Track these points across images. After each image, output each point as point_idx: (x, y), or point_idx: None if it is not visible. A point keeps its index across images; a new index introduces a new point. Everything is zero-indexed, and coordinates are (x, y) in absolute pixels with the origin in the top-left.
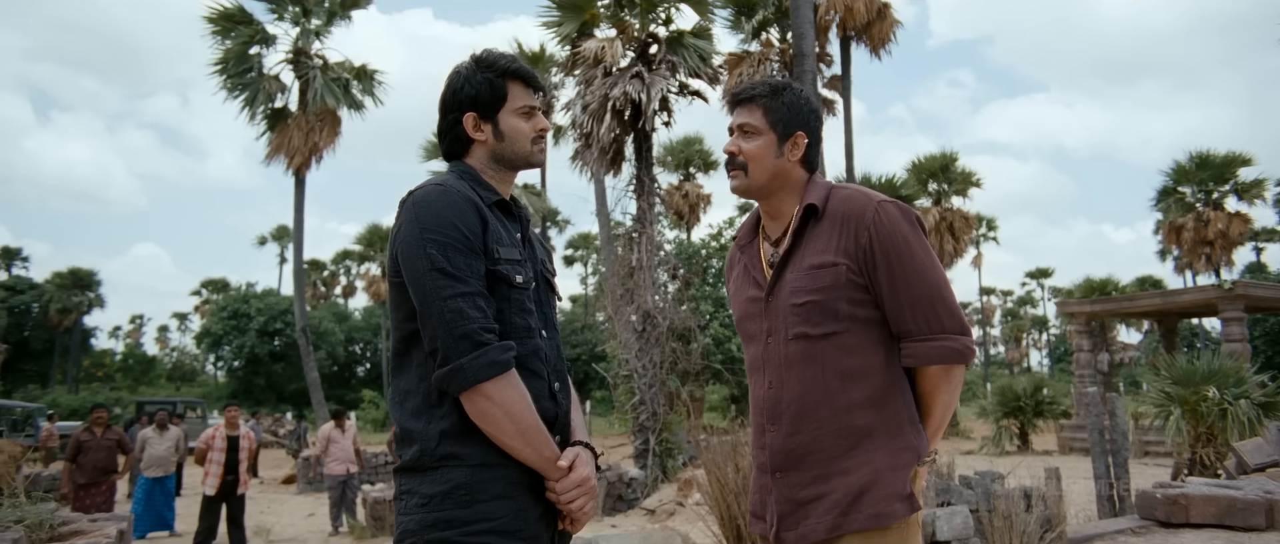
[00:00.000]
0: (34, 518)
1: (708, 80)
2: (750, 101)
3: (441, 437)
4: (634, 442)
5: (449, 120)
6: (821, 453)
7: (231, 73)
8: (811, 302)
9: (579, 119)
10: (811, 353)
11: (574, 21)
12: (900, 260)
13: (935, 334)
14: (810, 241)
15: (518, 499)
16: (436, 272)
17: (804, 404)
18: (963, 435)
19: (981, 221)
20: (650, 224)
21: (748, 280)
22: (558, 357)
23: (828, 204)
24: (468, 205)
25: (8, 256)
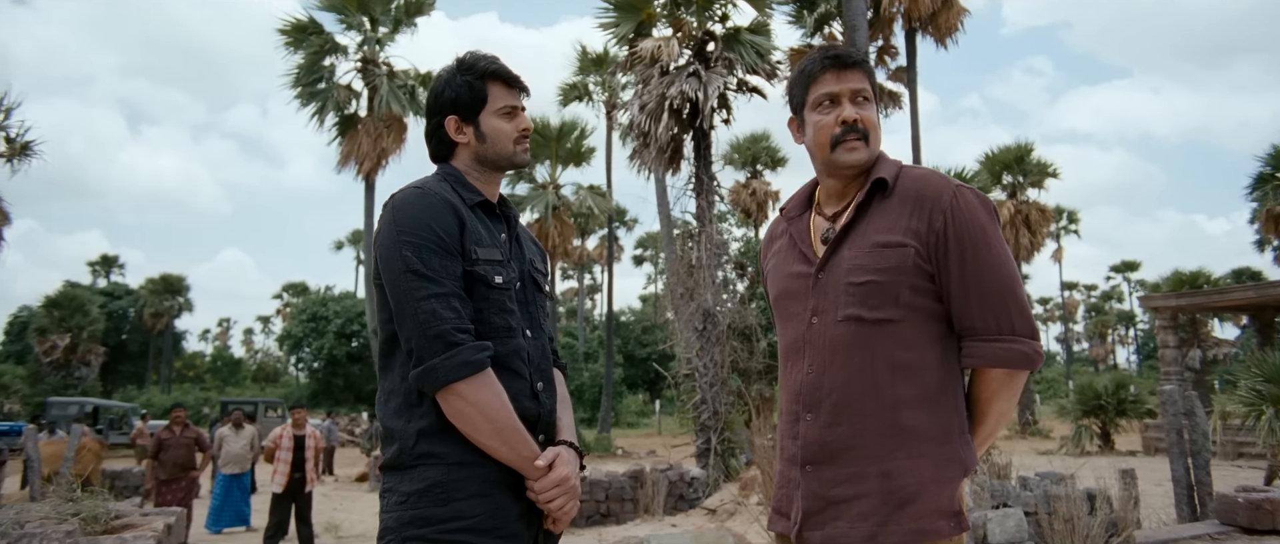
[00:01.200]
0: (88, 511)
1: (766, 76)
2: (859, 67)
3: (419, 435)
4: (696, 441)
5: (433, 124)
6: (861, 449)
7: (304, 82)
8: (871, 282)
9: (637, 119)
10: (863, 338)
11: (631, 22)
12: (975, 251)
13: (1004, 335)
14: (875, 218)
15: (495, 497)
16: (411, 273)
17: (847, 393)
18: (1041, 435)
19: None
20: (709, 223)
21: (793, 254)
22: (543, 356)
23: (898, 181)
24: (444, 207)
25: (106, 264)
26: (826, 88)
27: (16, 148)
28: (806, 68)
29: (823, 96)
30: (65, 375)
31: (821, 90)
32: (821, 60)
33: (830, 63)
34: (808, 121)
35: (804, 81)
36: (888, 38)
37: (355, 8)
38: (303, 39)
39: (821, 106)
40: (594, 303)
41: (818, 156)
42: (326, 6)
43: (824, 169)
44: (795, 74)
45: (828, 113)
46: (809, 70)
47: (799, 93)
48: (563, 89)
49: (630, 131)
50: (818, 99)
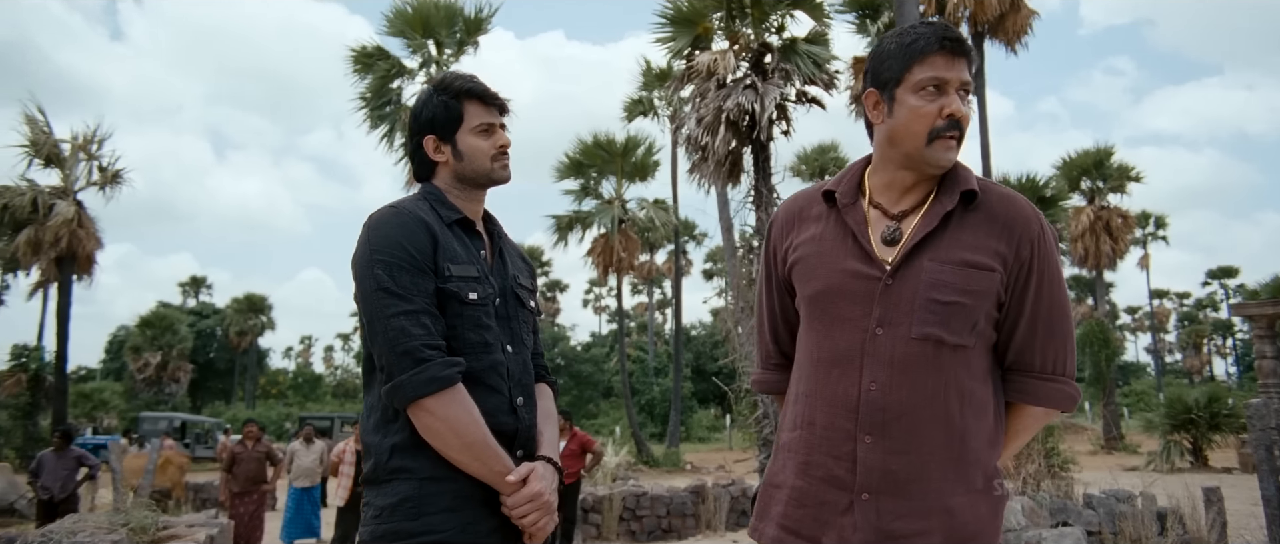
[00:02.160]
0: (137, 522)
1: (824, 86)
2: (968, 57)
3: (392, 450)
4: (758, 456)
5: (413, 144)
6: (928, 482)
7: (372, 105)
8: (958, 303)
9: (694, 133)
10: (938, 362)
11: (687, 36)
12: (1051, 288)
13: (1058, 375)
14: (958, 232)
15: (466, 513)
16: (382, 291)
17: (918, 420)
18: (1127, 450)
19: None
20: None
21: (846, 248)
22: (524, 371)
23: (983, 196)
24: (417, 225)
25: (195, 285)
26: (937, 71)
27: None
28: (914, 41)
29: (930, 79)
30: (157, 391)
31: (930, 73)
32: (937, 38)
33: (947, 44)
34: (902, 102)
35: (906, 55)
36: None
37: (419, 32)
38: (371, 64)
39: (925, 91)
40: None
41: (904, 145)
42: (393, 32)
43: (903, 160)
44: (893, 44)
45: (932, 100)
46: (917, 45)
47: (897, 66)
48: (627, 104)
49: (689, 145)
50: (923, 81)
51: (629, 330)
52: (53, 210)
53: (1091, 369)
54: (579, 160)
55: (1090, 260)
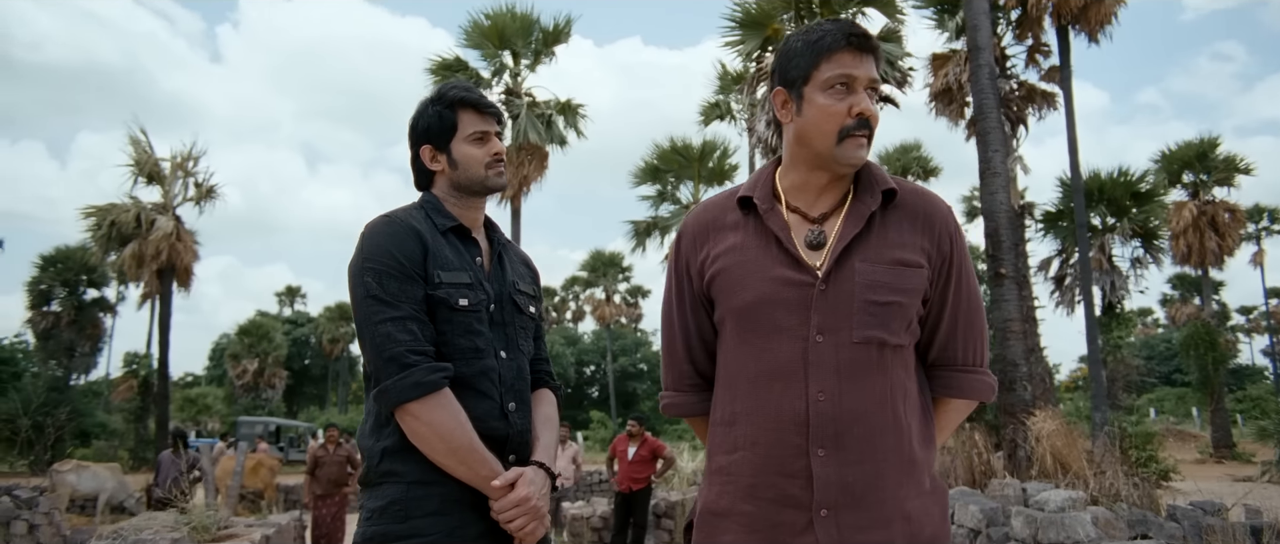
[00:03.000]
0: (199, 521)
1: (897, 84)
2: (876, 53)
3: (383, 454)
4: None
5: (412, 154)
6: (884, 490)
7: None
8: (895, 302)
9: (764, 135)
10: (882, 364)
11: (756, 38)
12: (969, 280)
13: (978, 366)
14: (883, 233)
15: (454, 517)
16: (371, 298)
17: (871, 427)
18: (1240, 459)
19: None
20: None
21: (772, 255)
22: (518, 377)
23: (901, 193)
24: (408, 233)
25: (290, 294)
26: (845, 68)
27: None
28: (820, 38)
29: (838, 77)
30: (254, 397)
31: (838, 70)
32: (842, 34)
33: (854, 40)
34: (810, 101)
35: (813, 53)
36: (1038, 36)
37: (497, 43)
38: (449, 76)
39: (834, 89)
40: None
41: (815, 144)
42: (471, 44)
43: (814, 160)
44: (799, 41)
45: (841, 98)
46: (823, 42)
47: (804, 64)
48: (703, 108)
49: (761, 148)
50: (831, 79)
51: None
52: (154, 225)
53: (1197, 372)
54: (656, 165)
55: (1194, 258)
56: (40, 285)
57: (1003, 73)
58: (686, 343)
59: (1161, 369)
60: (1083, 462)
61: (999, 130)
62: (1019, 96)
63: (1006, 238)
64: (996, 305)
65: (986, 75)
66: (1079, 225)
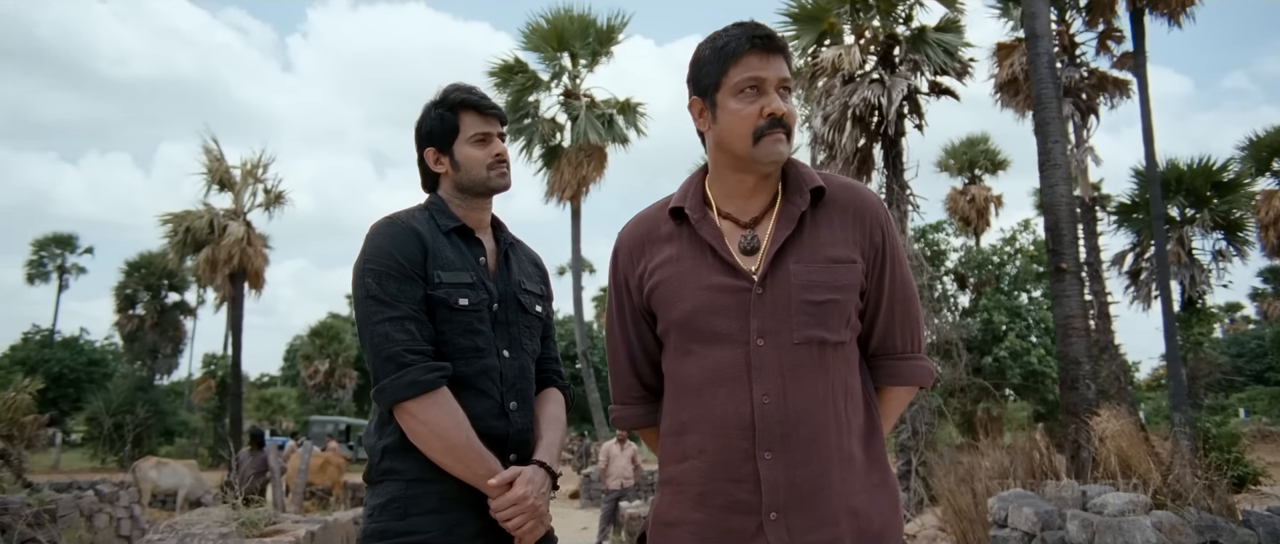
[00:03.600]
0: (249, 517)
1: (956, 76)
2: (783, 52)
3: (384, 452)
4: (896, 463)
5: (418, 156)
6: (830, 487)
7: (512, 119)
8: (832, 301)
9: (820, 130)
10: (824, 362)
11: (811, 33)
12: (901, 268)
13: (917, 353)
14: (815, 231)
15: (451, 515)
16: (370, 298)
17: (815, 426)
18: None
19: None
20: (903, 234)
21: (707, 264)
22: (521, 376)
23: (828, 189)
24: (408, 234)
25: None
26: (753, 71)
27: (272, 197)
28: (726, 44)
29: (747, 81)
30: (326, 397)
31: (745, 73)
32: (747, 37)
33: (758, 42)
34: (723, 107)
35: (720, 59)
36: (1110, 21)
37: (554, 45)
38: (509, 78)
39: (744, 93)
40: None
41: (733, 148)
42: (530, 47)
43: (736, 164)
44: (707, 50)
45: (752, 101)
46: (729, 47)
47: (714, 72)
48: None
49: (817, 143)
50: (740, 83)
51: None
52: (226, 230)
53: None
54: None
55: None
56: (126, 290)
57: (1072, 61)
58: (630, 356)
59: (1253, 367)
60: (1149, 464)
61: (1058, 121)
62: (1089, 85)
63: (1067, 231)
64: (1057, 301)
65: (1045, 64)
66: (1155, 217)
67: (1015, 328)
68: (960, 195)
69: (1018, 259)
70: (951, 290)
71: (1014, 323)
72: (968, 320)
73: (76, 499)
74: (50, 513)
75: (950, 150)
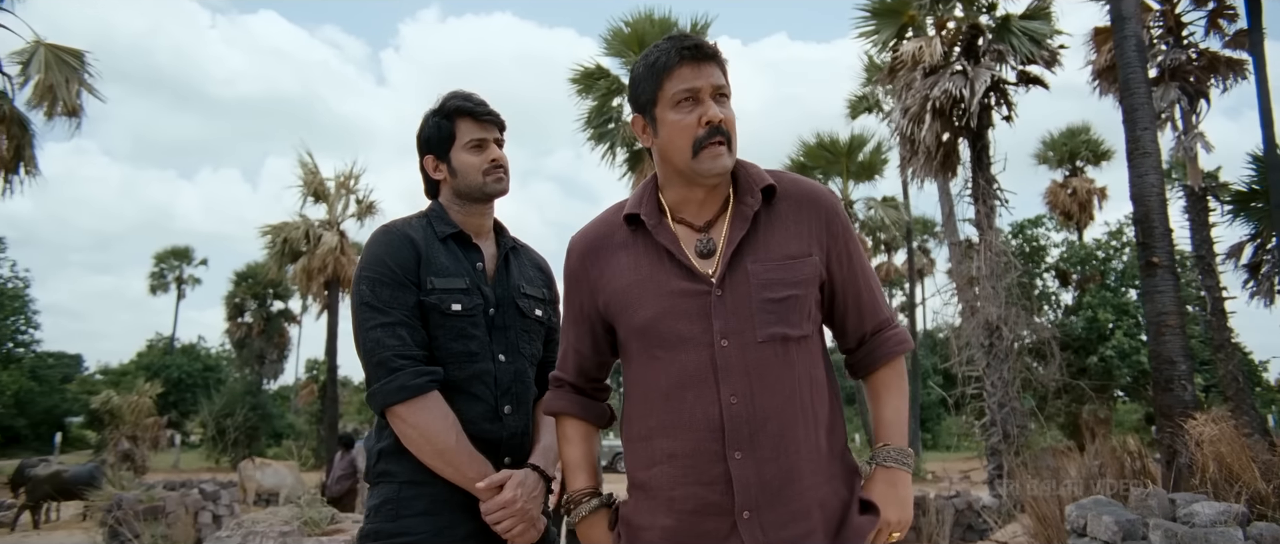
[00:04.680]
0: (310, 517)
1: (1045, 64)
2: (716, 59)
3: (380, 455)
4: (986, 465)
5: (419, 164)
6: (800, 482)
7: (594, 124)
8: (791, 297)
9: (900, 125)
10: (788, 358)
11: (891, 26)
12: (856, 254)
13: (891, 324)
14: (769, 228)
15: (442, 517)
16: (364, 305)
17: (783, 422)
18: None
19: None
20: (989, 231)
21: (666, 269)
22: (517, 380)
23: (779, 187)
24: (402, 242)
25: None
26: (684, 82)
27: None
28: (657, 59)
29: (681, 93)
30: None
31: (679, 85)
32: (676, 50)
33: (687, 53)
34: (661, 121)
35: (654, 75)
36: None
37: (636, 50)
38: (592, 84)
39: (681, 105)
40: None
41: (674, 161)
42: (612, 52)
43: (679, 176)
44: (642, 66)
45: (688, 112)
46: (660, 62)
47: (650, 87)
48: (851, 101)
49: (898, 139)
50: (676, 95)
51: None
52: (320, 240)
53: None
54: (802, 162)
55: None
56: (235, 299)
57: (1177, 42)
58: (566, 350)
59: None
60: (1253, 471)
61: (1147, 107)
62: (1198, 67)
63: (1158, 223)
64: (1149, 298)
65: (1132, 47)
66: (1275, 205)
67: (1122, 325)
68: (1061, 188)
69: (1125, 253)
70: (1053, 287)
71: (1121, 320)
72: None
73: (182, 497)
74: (159, 509)
75: (1049, 142)
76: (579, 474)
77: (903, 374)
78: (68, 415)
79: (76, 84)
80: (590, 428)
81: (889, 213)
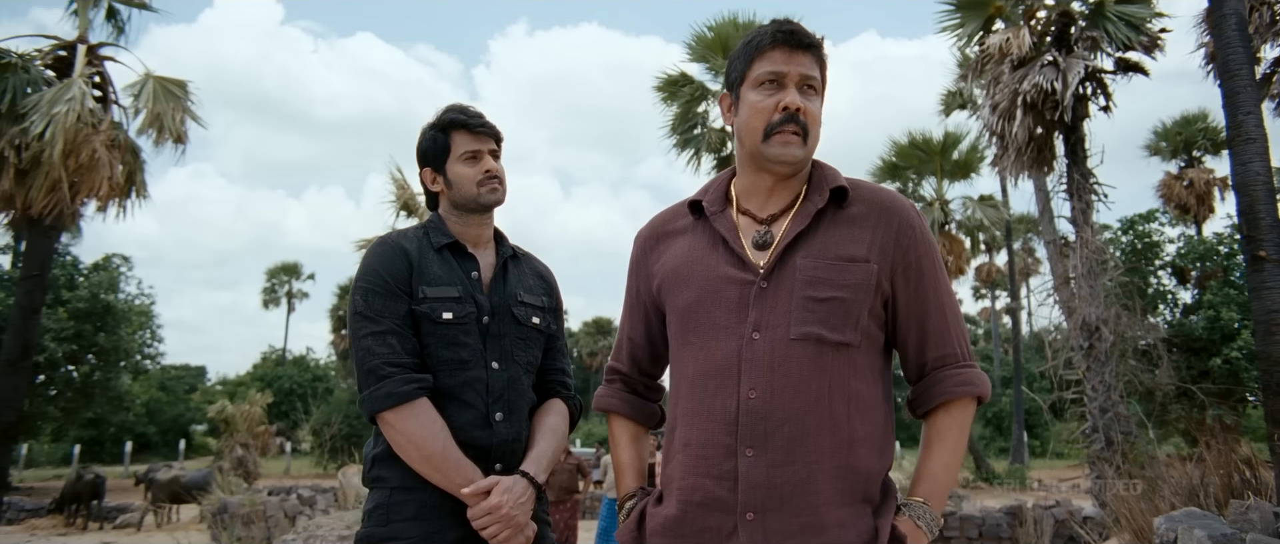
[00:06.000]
0: None
1: (1144, 50)
2: (813, 50)
3: (373, 461)
4: (1089, 475)
5: (419, 177)
6: (816, 494)
7: (680, 131)
8: (836, 298)
9: (989, 121)
10: (820, 362)
11: (976, 19)
12: (942, 274)
13: (963, 362)
14: (832, 229)
15: (431, 522)
16: (357, 315)
17: (803, 426)
18: None
19: None
20: (1086, 227)
21: (717, 255)
22: (510, 387)
23: (854, 191)
24: (396, 252)
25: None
26: (773, 65)
27: None
28: (753, 38)
29: (766, 75)
30: None
31: (766, 68)
32: (772, 33)
33: (782, 37)
34: (744, 100)
35: (747, 53)
36: None
37: (720, 54)
38: (676, 90)
39: (763, 86)
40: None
41: (746, 144)
42: (695, 58)
43: (750, 160)
44: (739, 44)
45: (769, 95)
46: (754, 41)
47: (740, 66)
48: (944, 98)
49: (987, 135)
50: (760, 77)
51: (974, 338)
52: None
53: None
54: (894, 162)
55: None
56: (339, 311)
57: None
58: (631, 340)
59: None
60: None
61: (1251, 89)
62: None
63: (1265, 214)
64: (1257, 295)
65: (1233, 26)
66: None
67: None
68: (1176, 180)
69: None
70: (1169, 285)
71: (1248, 319)
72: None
73: (282, 502)
74: (259, 513)
75: (1161, 131)
76: (626, 476)
77: (961, 424)
78: (192, 424)
79: (181, 112)
80: (638, 428)
81: (988, 212)
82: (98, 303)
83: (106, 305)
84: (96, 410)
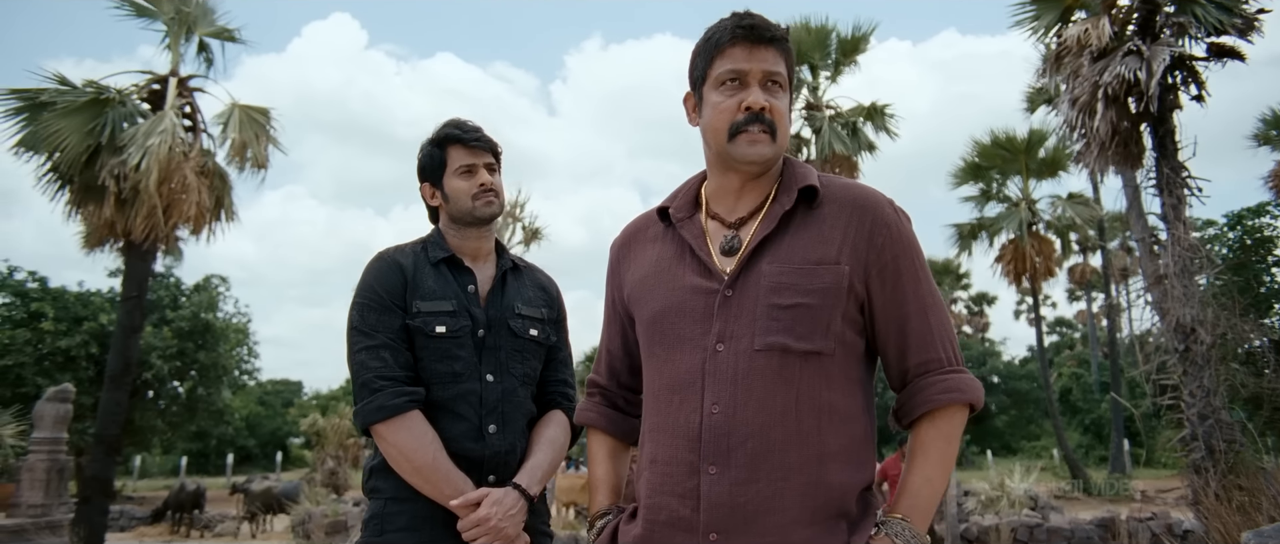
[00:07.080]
0: None
1: (1239, 32)
2: (776, 44)
3: (370, 472)
4: (1183, 484)
5: (419, 192)
6: (783, 513)
7: None
8: (801, 304)
9: (1069, 115)
10: (786, 374)
11: (1053, 10)
12: (923, 274)
13: (960, 366)
14: (800, 231)
15: (424, 533)
16: (352, 329)
17: (767, 441)
18: None
19: None
20: (1176, 222)
21: (684, 264)
22: (504, 400)
23: (824, 190)
24: (390, 268)
25: None
26: (734, 63)
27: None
28: (712, 35)
29: (728, 73)
30: None
31: (728, 66)
32: (732, 27)
33: (743, 32)
34: (707, 100)
35: (707, 51)
36: None
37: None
38: None
39: (725, 85)
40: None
41: (712, 145)
42: None
43: (718, 161)
44: (700, 41)
45: (731, 94)
46: (714, 38)
47: (701, 64)
48: (1028, 95)
49: (1067, 130)
50: (722, 75)
51: (1071, 341)
52: None
53: None
54: (977, 162)
55: None
56: None
57: None
58: (600, 352)
59: None
60: None
61: None
62: None
63: None
64: None
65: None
66: None
67: None
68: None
69: None
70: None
71: None
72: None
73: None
74: (341, 523)
75: (1271, 119)
76: (599, 493)
77: (948, 435)
78: (289, 437)
79: (264, 139)
80: (616, 444)
81: (1079, 210)
82: (198, 322)
83: (206, 324)
84: (199, 424)
